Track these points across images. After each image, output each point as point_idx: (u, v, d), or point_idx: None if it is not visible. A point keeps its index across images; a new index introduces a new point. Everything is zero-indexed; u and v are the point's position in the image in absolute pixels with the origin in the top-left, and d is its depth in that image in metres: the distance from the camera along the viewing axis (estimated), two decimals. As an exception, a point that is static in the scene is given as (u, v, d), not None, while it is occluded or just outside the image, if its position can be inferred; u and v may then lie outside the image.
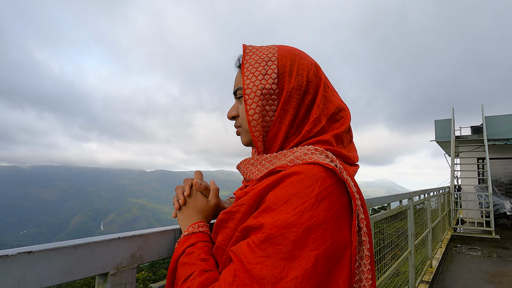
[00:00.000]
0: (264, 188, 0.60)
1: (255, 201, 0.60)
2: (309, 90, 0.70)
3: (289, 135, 0.70)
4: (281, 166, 0.63)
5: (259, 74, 0.70)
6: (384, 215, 2.59)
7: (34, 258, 0.51)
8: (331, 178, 0.58)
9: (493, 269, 5.41)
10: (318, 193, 0.55)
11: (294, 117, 0.69)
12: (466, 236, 8.13)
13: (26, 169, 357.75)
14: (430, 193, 5.37)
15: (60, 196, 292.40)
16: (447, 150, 12.61)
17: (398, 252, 3.13)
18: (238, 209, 0.63)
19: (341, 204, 0.57)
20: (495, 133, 10.43)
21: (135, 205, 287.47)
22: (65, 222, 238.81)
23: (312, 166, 0.58)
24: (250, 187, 0.68)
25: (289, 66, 0.70)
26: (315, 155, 0.62)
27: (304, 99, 0.70)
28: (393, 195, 2.86)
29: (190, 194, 0.78)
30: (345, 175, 0.60)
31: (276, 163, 0.67)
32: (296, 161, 0.62)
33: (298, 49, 0.76)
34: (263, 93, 0.69)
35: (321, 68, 0.76)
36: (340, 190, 0.58)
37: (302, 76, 0.70)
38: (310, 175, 0.57)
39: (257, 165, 0.71)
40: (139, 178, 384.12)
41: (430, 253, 5.04)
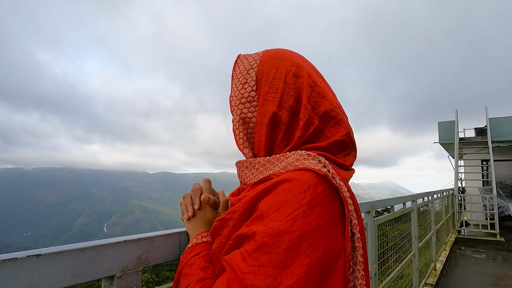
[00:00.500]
0: (257, 195, 0.59)
1: (248, 208, 0.60)
2: (288, 92, 0.68)
3: (276, 141, 0.69)
4: (274, 173, 0.63)
5: (240, 83, 0.73)
6: (387, 218, 2.59)
7: (43, 261, 0.51)
8: (323, 184, 0.57)
9: (498, 272, 5.37)
10: (310, 200, 0.55)
11: (274, 121, 0.68)
12: (471, 238, 8.08)
13: (30, 171, 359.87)
14: (434, 195, 5.34)
15: (63, 198, 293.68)
16: (451, 152, 12.55)
17: (402, 255, 3.12)
18: (231, 216, 0.63)
19: (334, 210, 0.57)
20: (499, 135, 10.37)
21: (138, 207, 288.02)
22: (69, 224, 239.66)
23: (304, 173, 0.58)
24: (243, 194, 0.68)
25: (266, 71, 0.70)
26: (307, 161, 0.61)
27: (284, 101, 0.68)
28: (397, 197, 2.86)
29: (199, 207, 0.78)
30: (337, 181, 0.59)
31: (269, 167, 0.66)
32: (289, 167, 0.61)
33: (285, 50, 0.75)
34: (241, 102, 0.71)
35: (310, 67, 0.72)
36: (332, 196, 0.58)
37: (279, 79, 0.68)
38: (302, 182, 0.56)
39: (251, 169, 0.70)
40: (142, 180, 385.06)
41: (434, 255, 5.01)
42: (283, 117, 0.67)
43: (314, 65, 0.76)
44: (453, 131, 10.90)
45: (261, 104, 0.69)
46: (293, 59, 0.71)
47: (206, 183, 0.84)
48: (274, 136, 0.69)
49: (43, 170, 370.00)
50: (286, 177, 0.58)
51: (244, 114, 0.71)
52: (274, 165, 0.66)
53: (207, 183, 0.84)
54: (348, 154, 0.70)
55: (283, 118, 0.67)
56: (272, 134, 0.69)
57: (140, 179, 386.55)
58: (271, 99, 0.68)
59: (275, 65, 0.70)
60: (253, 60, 0.74)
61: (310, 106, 0.67)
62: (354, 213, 0.60)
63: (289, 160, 0.63)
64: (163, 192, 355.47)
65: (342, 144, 0.68)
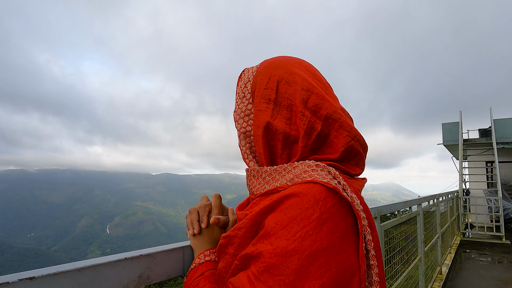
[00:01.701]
0: (262, 210, 0.57)
1: (253, 225, 0.58)
2: (281, 101, 0.66)
3: (276, 151, 0.67)
4: (281, 186, 0.60)
5: (239, 98, 0.73)
6: (394, 223, 2.54)
7: (37, 285, 0.48)
8: (333, 198, 0.54)
9: (504, 276, 5.30)
10: (319, 216, 0.52)
11: (269, 131, 0.66)
12: (476, 241, 7.99)
13: (33, 172, 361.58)
14: (439, 198, 5.29)
15: (67, 199, 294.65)
16: (455, 154, 12.46)
17: (408, 259, 3.07)
18: (236, 233, 0.60)
19: (346, 226, 0.54)
20: (504, 136, 10.28)
21: (140, 208, 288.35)
22: (72, 225, 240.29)
23: (312, 186, 0.55)
24: (249, 207, 0.66)
25: (259, 82, 0.69)
26: (316, 172, 0.58)
27: (277, 110, 0.66)
28: (403, 201, 2.81)
29: (207, 226, 0.75)
30: (349, 193, 0.57)
31: (276, 177, 0.63)
32: (296, 179, 0.58)
33: (282, 58, 0.72)
34: (241, 117, 0.72)
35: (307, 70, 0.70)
36: (344, 210, 0.54)
37: (271, 89, 0.67)
38: (310, 196, 0.53)
39: (258, 178, 0.67)
40: (144, 181, 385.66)
41: (439, 259, 4.95)
42: (278, 126, 0.65)
43: (314, 67, 0.73)
44: (457, 132, 10.81)
45: (255, 115, 0.68)
46: (287, 66, 0.69)
47: (216, 199, 0.80)
48: (273, 146, 0.67)
49: (46, 171, 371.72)
50: (293, 191, 0.55)
51: (244, 128, 0.71)
52: (281, 176, 0.63)
53: (218, 199, 0.80)
54: (359, 161, 0.67)
55: (278, 127, 0.65)
56: (270, 145, 0.67)
57: (143, 181, 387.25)
58: (263, 109, 0.67)
59: (267, 74, 0.69)
60: (251, 72, 0.74)
61: (309, 111, 0.63)
62: (368, 228, 0.56)
63: (297, 172, 0.60)
64: (166, 194, 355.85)
65: (352, 150, 0.64)
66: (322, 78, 0.72)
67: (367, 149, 0.68)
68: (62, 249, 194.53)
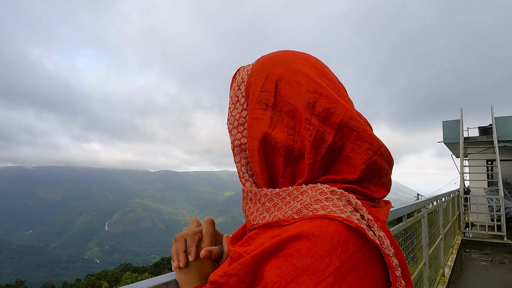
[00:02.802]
0: (260, 254, 0.43)
1: (248, 273, 0.44)
2: (282, 108, 0.52)
3: (277, 169, 0.52)
4: (285, 219, 0.46)
5: (232, 103, 0.60)
6: (400, 228, 2.43)
7: None
8: (356, 241, 0.41)
9: (507, 277, 5.22)
10: (339, 267, 0.38)
11: (267, 143, 0.52)
12: (477, 240, 7.92)
13: (31, 169, 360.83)
14: (442, 199, 5.19)
15: (65, 197, 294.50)
16: (455, 152, 12.39)
17: (413, 264, 2.98)
18: (226, 281, 0.46)
19: (373, 279, 0.40)
20: (505, 134, 10.21)
21: (139, 205, 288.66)
22: (70, 222, 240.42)
23: (327, 223, 0.41)
24: (244, 242, 0.51)
25: (254, 83, 0.55)
26: (331, 202, 0.44)
27: (277, 118, 0.52)
28: (408, 205, 2.71)
29: (195, 258, 0.60)
30: (376, 231, 0.43)
31: (278, 204, 0.49)
32: (305, 211, 0.45)
33: (281, 53, 0.58)
34: (234, 126, 0.58)
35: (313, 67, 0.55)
36: (370, 257, 0.41)
37: (268, 92, 0.53)
38: (325, 239, 0.40)
39: (256, 202, 0.53)
40: (143, 178, 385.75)
41: (442, 260, 4.86)
42: (278, 137, 0.51)
43: (323, 64, 0.58)
44: (458, 130, 10.74)
45: (249, 124, 0.54)
46: (288, 62, 0.55)
47: (208, 225, 0.64)
48: (273, 163, 0.52)
49: (44, 168, 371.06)
50: (301, 231, 0.41)
51: (238, 141, 0.57)
52: (285, 203, 0.48)
53: (210, 225, 0.64)
54: (384, 179, 0.52)
55: (279, 139, 0.51)
56: (269, 161, 0.52)
57: (141, 178, 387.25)
58: (259, 116, 0.53)
59: (264, 73, 0.55)
60: (246, 71, 0.59)
61: (317, 118, 0.49)
62: (402, 280, 0.43)
63: (306, 200, 0.46)
64: (164, 191, 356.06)
65: (375, 168, 0.49)
66: (333, 76, 0.57)
67: (393, 164, 0.53)
68: (61, 246, 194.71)
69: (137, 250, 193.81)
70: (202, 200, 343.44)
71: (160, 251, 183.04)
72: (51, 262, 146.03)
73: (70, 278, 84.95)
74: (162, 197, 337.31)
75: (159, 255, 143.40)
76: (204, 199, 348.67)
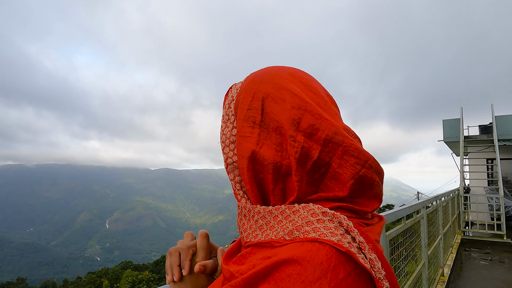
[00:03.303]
0: (251, 277, 0.43)
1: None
2: (269, 125, 0.52)
3: (267, 186, 0.52)
4: (277, 240, 0.46)
5: (223, 122, 0.60)
6: (399, 230, 2.43)
7: None
8: (347, 265, 0.41)
9: (507, 277, 5.22)
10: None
11: (255, 161, 0.52)
12: (477, 239, 7.93)
13: (32, 167, 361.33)
14: (441, 199, 5.19)
15: (65, 195, 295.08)
16: (455, 150, 12.38)
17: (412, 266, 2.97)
18: None
19: None
20: (505, 133, 10.20)
21: (140, 203, 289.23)
22: (71, 220, 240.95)
23: (318, 248, 0.41)
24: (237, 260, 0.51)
25: (242, 101, 0.55)
26: (322, 224, 0.44)
27: (264, 135, 0.52)
28: (408, 207, 2.71)
29: (190, 272, 0.60)
30: (367, 254, 0.43)
31: (271, 223, 0.49)
32: (296, 233, 0.45)
33: (269, 69, 0.58)
34: (226, 144, 0.58)
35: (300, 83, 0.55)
36: (361, 280, 0.41)
37: (255, 109, 0.53)
38: (315, 264, 0.40)
39: (250, 219, 0.53)
40: (143, 176, 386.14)
41: (441, 260, 4.86)
42: (266, 155, 0.51)
43: (310, 78, 0.58)
44: (458, 129, 10.72)
45: (238, 143, 0.54)
46: (274, 79, 0.55)
47: (202, 239, 0.63)
48: (263, 180, 0.52)
49: (44, 166, 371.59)
50: (292, 256, 0.41)
51: (230, 158, 0.57)
52: (277, 222, 0.49)
53: (204, 239, 0.63)
54: (375, 191, 0.51)
55: (266, 156, 0.51)
56: (259, 179, 0.53)
57: (142, 176, 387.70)
58: (247, 134, 0.53)
59: (251, 91, 0.55)
60: (236, 89, 0.59)
61: (303, 134, 0.49)
62: None
63: (297, 221, 0.46)
64: (165, 189, 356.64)
65: (364, 181, 0.49)
66: (319, 90, 0.56)
67: (383, 174, 0.53)
68: (62, 244, 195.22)
69: (138, 248, 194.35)
70: (203, 198, 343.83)
71: (160, 249, 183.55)
72: (52, 260, 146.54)
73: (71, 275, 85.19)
74: (163, 195, 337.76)
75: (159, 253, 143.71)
76: (204, 197, 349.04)
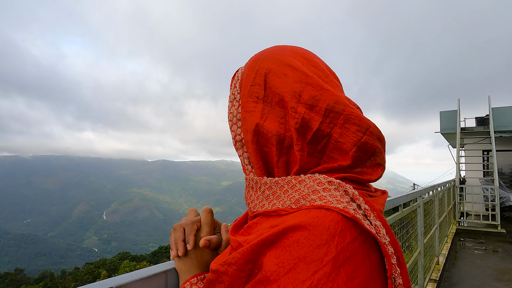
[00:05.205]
0: (259, 244, 0.44)
1: (247, 261, 0.45)
2: (272, 99, 0.53)
3: (271, 159, 0.54)
4: (284, 209, 0.47)
5: (230, 101, 0.62)
6: (396, 217, 2.45)
7: None
8: (353, 230, 0.42)
9: (501, 266, 5.30)
10: (336, 256, 0.39)
11: (260, 134, 0.53)
12: (471, 230, 8.02)
13: (28, 159, 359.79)
14: (438, 189, 5.23)
15: (62, 186, 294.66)
16: (452, 142, 12.45)
17: (408, 253, 3.01)
18: (226, 270, 0.47)
19: (370, 267, 0.41)
20: (502, 125, 10.26)
21: (137, 194, 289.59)
22: (68, 211, 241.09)
23: (325, 214, 0.42)
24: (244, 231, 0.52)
25: (246, 78, 0.58)
26: (328, 193, 0.45)
27: (268, 109, 0.54)
28: (405, 195, 2.72)
29: (194, 247, 0.60)
30: (373, 221, 0.44)
31: (278, 193, 0.50)
32: (302, 202, 0.46)
33: (273, 48, 0.60)
34: (234, 122, 0.60)
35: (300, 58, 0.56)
36: (367, 246, 0.42)
37: (258, 85, 0.55)
38: (322, 229, 0.41)
39: (257, 190, 0.54)
40: (140, 168, 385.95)
41: (437, 249, 4.92)
42: (270, 128, 0.52)
43: (311, 54, 0.59)
44: (455, 120, 10.76)
45: (242, 118, 0.57)
46: (276, 55, 0.57)
47: (207, 214, 0.64)
48: (267, 153, 0.54)
49: (40, 158, 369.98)
50: (299, 221, 0.42)
51: (239, 136, 0.59)
52: (284, 192, 0.49)
53: (208, 214, 0.64)
54: (379, 158, 0.52)
55: (270, 129, 0.52)
56: (263, 152, 0.54)
57: (139, 167, 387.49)
58: (251, 109, 0.55)
59: (254, 68, 0.57)
60: (241, 70, 0.61)
61: (304, 106, 0.50)
62: (397, 268, 0.43)
63: (304, 190, 0.47)
64: (162, 180, 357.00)
65: (367, 148, 0.49)
66: (320, 64, 0.58)
67: (385, 141, 0.53)
68: (59, 235, 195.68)
69: (135, 239, 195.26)
70: (200, 190, 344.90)
71: (158, 240, 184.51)
72: (49, 251, 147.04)
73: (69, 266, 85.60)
74: (160, 186, 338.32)
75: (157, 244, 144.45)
76: (201, 188, 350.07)
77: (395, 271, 0.43)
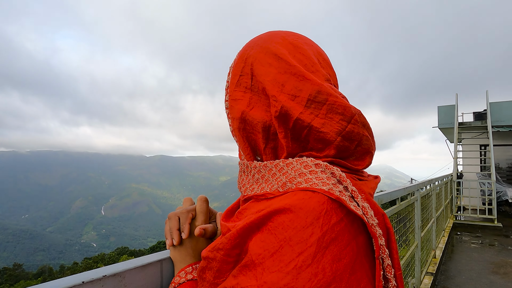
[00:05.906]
0: (245, 228, 0.43)
1: (234, 246, 0.44)
2: (258, 87, 0.53)
3: (258, 145, 0.54)
4: (271, 192, 0.47)
5: (225, 90, 0.61)
6: (393, 211, 2.45)
7: None
8: (338, 212, 0.41)
9: (497, 259, 5.34)
10: (321, 237, 0.38)
11: (246, 122, 0.54)
12: (468, 223, 8.08)
13: (25, 154, 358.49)
14: (435, 183, 5.24)
15: (60, 181, 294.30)
16: (449, 137, 12.48)
17: (405, 247, 3.02)
18: (214, 255, 0.47)
19: (357, 249, 0.40)
20: (499, 120, 10.27)
21: (135, 190, 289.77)
22: (66, 207, 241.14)
23: (310, 196, 0.41)
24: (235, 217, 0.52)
25: (235, 67, 0.58)
26: (315, 175, 0.45)
27: (255, 99, 0.53)
28: (402, 188, 2.72)
29: (189, 236, 0.60)
30: (360, 202, 0.43)
31: (266, 176, 0.51)
32: (289, 185, 0.45)
33: (264, 35, 0.59)
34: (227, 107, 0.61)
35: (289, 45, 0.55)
36: (353, 227, 0.41)
37: (246, 74, 0.55)
38: (307, 210, 0.40)
39: (248, 174, 0.55)
40: (139, 163, 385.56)
41: (434, 243, 4.95)
42: (255, 115, 0.52)
43: (302, 39, 0.57)
44: (453, 115, 10.77)
45: (230, 106, 0.57)
46: (264, 43, 0.55)
47: (202, 203, 0.64)
48: (255, 140, 0.54)
49: (38, 153, 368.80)
50: (284, 205, 0.41)
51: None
52: (272, 175, 0.50)
53: (204, 203, 0.64)
54: (366, 146, 0.51)
55: (256, 116, 0.52)
56: (251, 139, 0.54)
57: (137, 163, 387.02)
58: (238, 97, 0.55)
59: (243, 57, 0.56)
60: (235, 57, 0.60)
61: (286, 96, 0.49)
62: (385, 249, 0.43)
63: (290, 173, 0.47)
64: (160, 176, 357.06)
65: (352, 137, 0.48)
66: (308, 52, 0.55)
67: (371, 128, 0.52)
68: (58, 230, 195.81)
69: (134, 234, 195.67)
70: (198, 185, 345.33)
71: (156, 235, 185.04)
72: (48, 246, 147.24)
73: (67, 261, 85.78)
74: (158, 182, 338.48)
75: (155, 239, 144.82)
76: (199, 184, 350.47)
77: (383, 252, 0.42)
